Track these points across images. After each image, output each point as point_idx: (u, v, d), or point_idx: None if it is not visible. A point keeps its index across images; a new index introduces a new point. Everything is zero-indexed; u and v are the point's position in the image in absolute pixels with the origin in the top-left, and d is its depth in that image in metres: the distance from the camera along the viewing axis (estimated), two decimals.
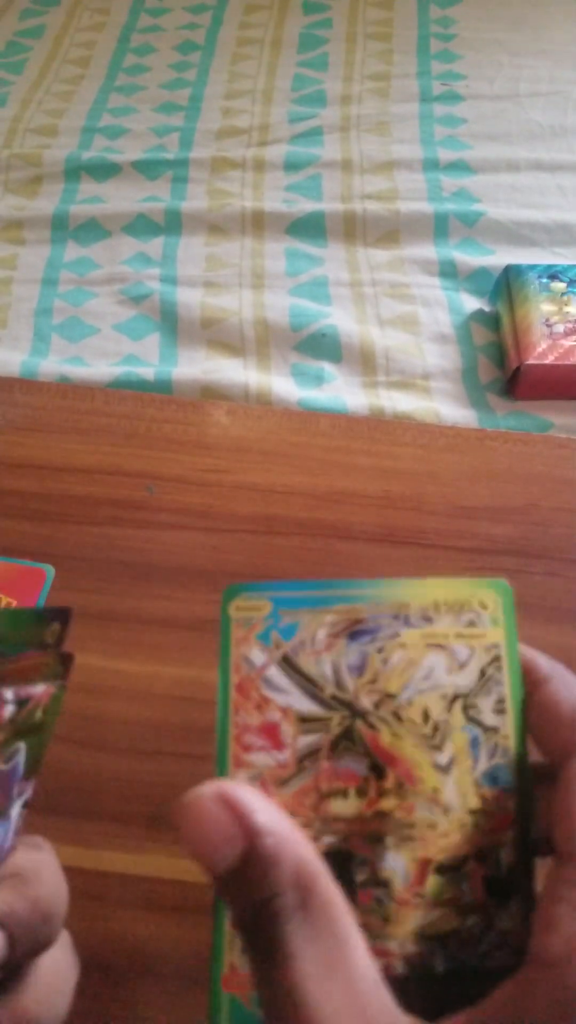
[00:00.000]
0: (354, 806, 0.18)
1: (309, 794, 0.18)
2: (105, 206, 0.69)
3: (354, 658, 0.19)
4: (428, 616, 0.19)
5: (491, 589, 0.20)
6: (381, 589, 0.20)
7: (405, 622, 0.19)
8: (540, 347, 0.53)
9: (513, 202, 0.65)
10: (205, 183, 0.70)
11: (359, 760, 0.18)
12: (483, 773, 0.18)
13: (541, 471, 0.48)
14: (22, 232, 0.67)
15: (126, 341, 0.59)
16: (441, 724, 0.19)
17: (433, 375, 0.56)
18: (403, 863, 0.18)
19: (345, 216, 0.66)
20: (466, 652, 0.19)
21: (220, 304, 0.61)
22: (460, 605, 0.19)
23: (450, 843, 0.18)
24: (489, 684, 0.19)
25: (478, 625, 0.19)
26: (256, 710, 0.19)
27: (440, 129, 0.72)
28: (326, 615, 0.19)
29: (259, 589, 0.20)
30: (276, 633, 0.19)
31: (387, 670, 0.19)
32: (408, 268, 0.62)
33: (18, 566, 0.46)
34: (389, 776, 0.18)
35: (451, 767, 0.18)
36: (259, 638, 0.19)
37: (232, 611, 0.20)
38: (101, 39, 0.87)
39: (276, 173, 0.70)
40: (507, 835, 0.18)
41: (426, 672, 0.19)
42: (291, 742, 0.18)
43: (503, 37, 0.81)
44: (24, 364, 0.58)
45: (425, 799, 0.18)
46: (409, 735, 0.18)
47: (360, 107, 0.75)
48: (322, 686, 0.19)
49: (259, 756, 0.19)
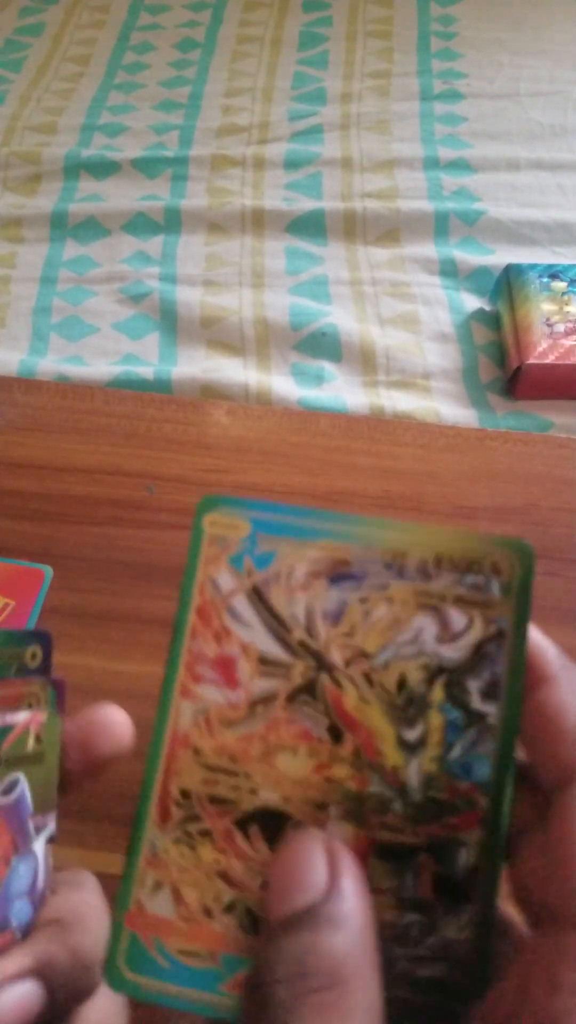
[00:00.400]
0: (303, 766, 0.16)
1: (255, 743, 0.16)
2: (104, 204, 0.68)
3: (332, 604, 0.17)
4: (426, 570, 0.17)
5: (509, 549, 0.17)
6: (377, 529, 0.17)
7: (398, 573, 0.17)
8: (541, 347, 0.53)
9: (513, 201, 0.65)
10: (205, 181, 0.70)
11: (317, 718, 0.16)
12: (456, 762, 0.16)
13: (541, 471, 0.48)
14: (21, 230, 0.67)
15: (125, 340, 0.59)
16: (417, 697, 0.16)
17: (433, 374, 0.56)
18: (343, 837, 0.16)
19: (345, 214, 0.65)
20: (463, 620, 0.16)
21: (220, 303, 0.60)
22: (468, 563, 0.17)
23: (401, 829, 0.16)
24: (483, 663, 0.16)
25: (485, 591, 0.17)
26: (214, 640, 0.17)
27: (440, 128, 0.72)
28: (309, 549, 0.17)
29: (240, 505, 0.18)
30: (250, 559, 0.17)
31: (367, 625, 0.17)
32: (408, 267, 0.62)
33: (17, 567, 0.46)
34: (347, 742, 0.16)
35: (419, 747, 0.16)
36: (231, 561, 0.17)
37: (206, 525, 0.18)
38: (101, 37, 0.87)
39: (276, 171, 0.70)
40: (472, 835, 0.16)
41: (412, 635, 0.17)
42: (246, 683, 0.17)
43: (504, 36, 0.81)
44: (23, 363, 0.57)
45: (382, 775, 0.16)
46: (378, 702, 0.16)
47: (360, 105, 0.75)
48: (291, 628, 0.17)
49: (208, 690, 0.17)
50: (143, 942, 0.16)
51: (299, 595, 0.17)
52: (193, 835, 0.16)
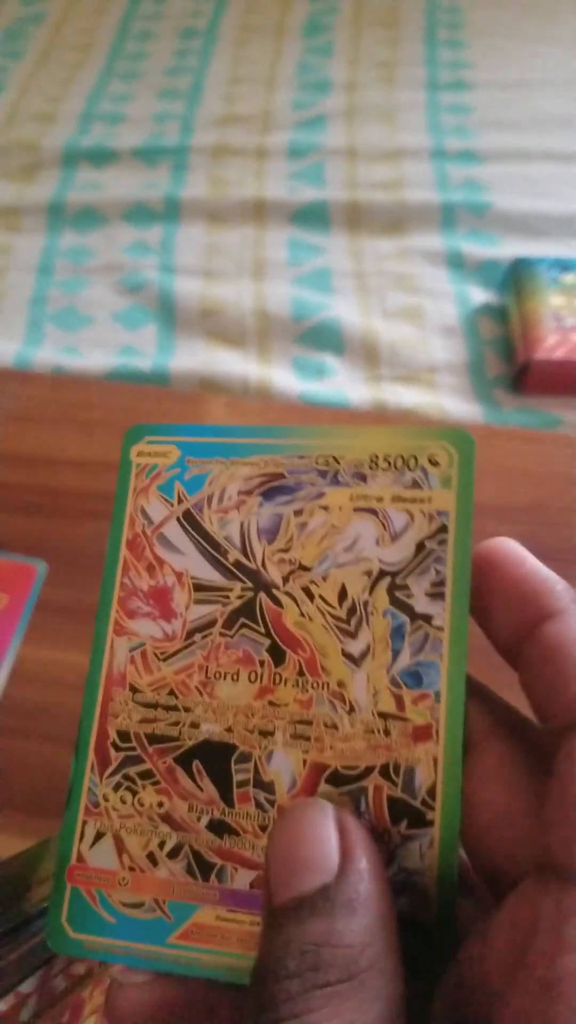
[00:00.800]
0: (244, 693, 0.15)
1: (195, 673, 0.16)
2: (103, 193, 0.67)
3: (266, 520, 0.16)
4: (361, 473, 0.16)
5: (447, 440, 0.16)
6: (309, 438, 0.16)
7: (333, 479, 0.16)
8: (549, 341, 0.52)
9: (523, 192, 0.64)
10: (206, 170, 0.68)
11: (257, 640, 0.16)
12: (404, 670, 0.15)
13: (549, 469, 0.47)
14: (18, 219, 0.66)
15: (123, 331, 0.58)
16: (359, 606, 0.15)
17: (438, 369, 0.54)
18: (291, 765, 0.15)
19: (349, 205, 0.64)
20: (403, 520, 0.16)
21: (220, 294, 0.59)
22: (404, 460, 0.16)
23: (351, 749, 0.15)
24: (427, 562, 0.15)
25: (423, 486, 0.16)
26: (147, 572, 0.16)
27: (448, 117, 0.71)
28: (241, 467, 0.16)
29: (167, 432, 0.17)
30: (180, 485, 0.17)
31: (303, 537, 0.16)
32: (414, 259, 0.61)
33: (9, 561, 0.45)
34: (289, 662, 0.15)
35: (364, 659, 0.15)
36: (160, 489, 0.17)
37: (134, 456, 0.17)
38: (102, 25, 0.86)
39: (279, 161, 0.68)
40: (428, 749, 0.15)
41: (349, 542, 0.16)
42: (183, 612, 0.16)
43: (513, 24, 0.80)
44: (18, 354, 0.56)
45: (328, 693, 0.15)
46: (319, 616, 0.15)
47: (366, 94, 0.74)
48: (226, 551, 0.16)
49: (144, 624, 0.16)
50: (86, 897, 0.15)
51: (232, 515, 0.16)
52: (134, 778, 0.15)
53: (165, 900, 0.15)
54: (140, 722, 0.16)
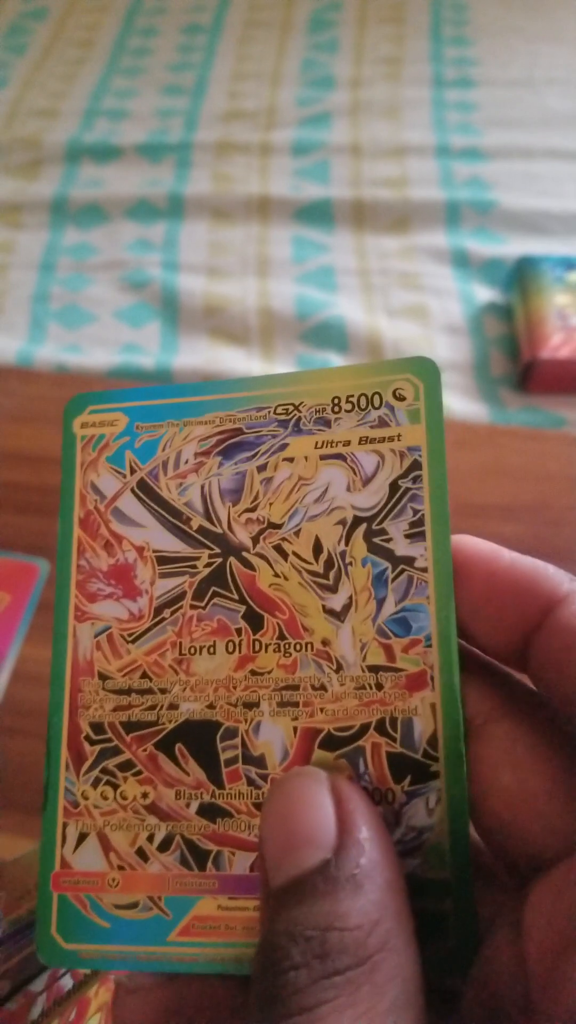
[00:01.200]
0: (223, 665, 0.14)
1: (167, 651, 0.15)
2: (106, 190, 0.67)
3: (229, 480, 0.15)
4: (324, 418, 0.15)
5: (410, 371, 0.15)
6: (265, 388, 0.15)
7: (294, 429, 0.15)
8: (554, 340, 0.51)
9: (528, 190, 0.63)
10: (210, 167, 0.68)
11: (231, 608, 0.15)
12: (390, 618, 0.14)
13: (554, 469, 0.47)
14: (20, 216, 0.66)
15: (126, 329, 0.57)
16: (336, 557, 0.14)
17: (443, 368, 0.54)
18: (281, 734, 0.14)
19: (354, 202, 0.64)
20: (373, 462, 0.15)
21: (223, 292, 0.59)
22: (368, 399, 0.15)
23: (342, 709, 0.14)
24: (403, 502, 0.14)
25: (390, 424, 0.15)
26: (105, 550, 0.15)
27: (453, 115, 0.70)
28: (195, 427, 0.15)
29: (110, 398, 0.16)
30: (131, 454, 0.16)
31: (269, 493, 0.15)
32: (418, 257, 0.60)
33: (12, 560, 0.45)
34: (268, 626, 0.14)
35: (347, 612, 0.14)
36: (110, 461, 0.16)
37: (77, 428, 0.16)
38: (105, 21, 0.85)
39: (283, 158, 0.68)
40: (423, 699, 0.14)
41: (319, 492, 0.15)
42: (148, 588, 0.15)
43: (519, 22, 0.79)
44: (20, 352, 0.56)
45: (312, 654, 0.14)
46: (295, 573, 0.15)
47: (370, 91, 0.73)
48: (188, 518, 0.15)
49: (107, 606, 0.15)
50: (75, 904, 0.14)
51: (191, 479, 0.15)
52: (113, 771, 0.15)
53: (161, 896, 0.14)
54: (114, 711, 0.15)
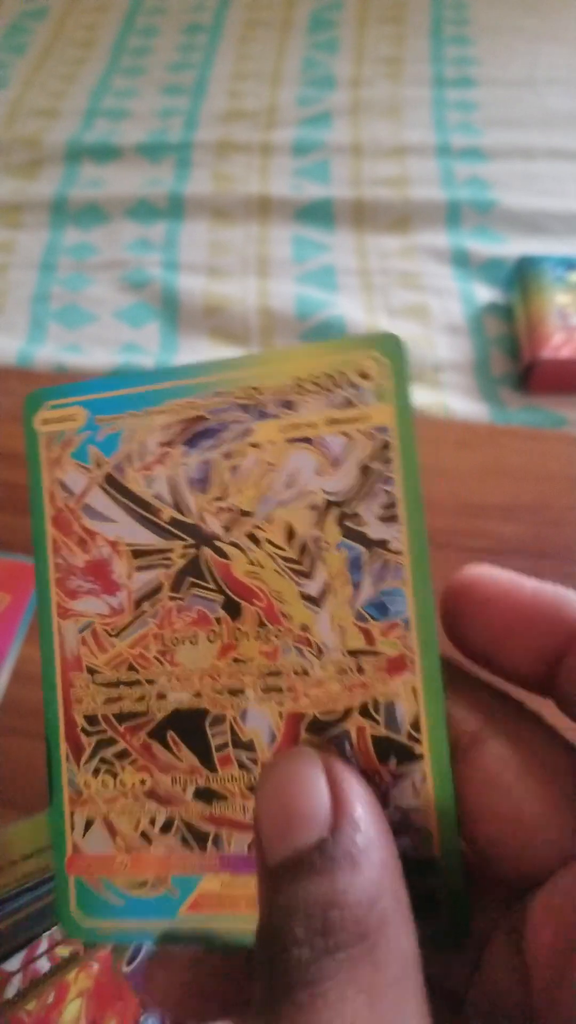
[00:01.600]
0: (206, 654, 0.15)
1: (151, 643, 0.15)
2: (106, 190, 0.67)
3: (195, 469, 0.15)
4: (288, 400, 0.15)
5: (374, 348, 0.14)
6: (223, 372, 0.15)
7: (258, 413, 0.15)
8: (555, 340, 0.51)
9: (528, 190, 0.63)
10: (210, 167, 0.68)
11: (209, 597, 0.15)
12: (368, 601, 0.14)
13: (555, 469, 0.47)
14: (20, 216, 0.66)
15: (126, 329, 0.57)
16: (310, 543, 0.14)
17: (443, 368, 0.54)
18: (268, 719, 0.14)
19: (354, 202, 0.63)
20: (341, 443, 0.14)
21: (223, 292, 0.59)
22: (332, 379, 0.15)
23: (326, 694, 0.14)
24: (374, 484, 0.14)
25: (357, 404, 0.14)
26: (79, 547, 0.15)
27: (453, 115, 0.70)
28: (156, 417, 0.15)
29: (67, 392, 0.16)
30: (95, 448, 0.16)
31: (237, 480, 0.15)
32: (419, 257, 0.60)
33: (11, 561, 0.45)
34: (247, 614, 0.15)
35: (325, 597, 0.14)
36: (75, 456, 0.16)
37: (38, 425, 0.16)
38: (105, 20, 0.85)
39: (283, 157, 0.68)
40: (404, 683, 0.14)
41: (288, 477, 0.15)
42: (125, 582, 0.15)
43: (519, 21, 0.79)
44: (20, 352, 0.56)
45: (292, 639, 0.14)
46: (270, 561, 0.15)
47: (371, 91, 0.73)
48: (158, 509, 0.15)
49: (88, 602, 0.15)
50: (90, 885, 0.15)
51: (158, 470, 0.15)
52: (111, 760, 0.15)
53: (167, 875, 0.15)
54: (105, 703, 0.15)
